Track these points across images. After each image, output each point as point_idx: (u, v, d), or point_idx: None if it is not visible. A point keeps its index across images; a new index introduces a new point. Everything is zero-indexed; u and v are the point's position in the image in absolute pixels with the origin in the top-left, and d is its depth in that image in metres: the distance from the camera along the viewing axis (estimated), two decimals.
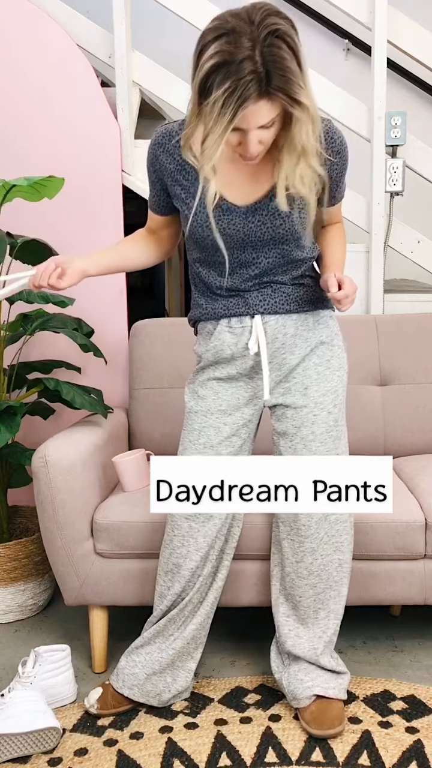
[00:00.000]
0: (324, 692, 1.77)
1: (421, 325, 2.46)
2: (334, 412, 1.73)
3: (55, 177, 2.12)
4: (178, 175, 1.62)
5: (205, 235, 1.61)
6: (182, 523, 1.75)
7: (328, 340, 1.74)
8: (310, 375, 1.71)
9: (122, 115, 2.56)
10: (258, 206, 1.59)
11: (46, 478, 1.89)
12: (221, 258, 1.64)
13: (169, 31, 3.24)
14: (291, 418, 1.72)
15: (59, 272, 1.61)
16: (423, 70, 3.30)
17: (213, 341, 1.72)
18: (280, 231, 1.60)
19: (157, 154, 1.62)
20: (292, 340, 1.70)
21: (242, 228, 1.60)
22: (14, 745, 1.68)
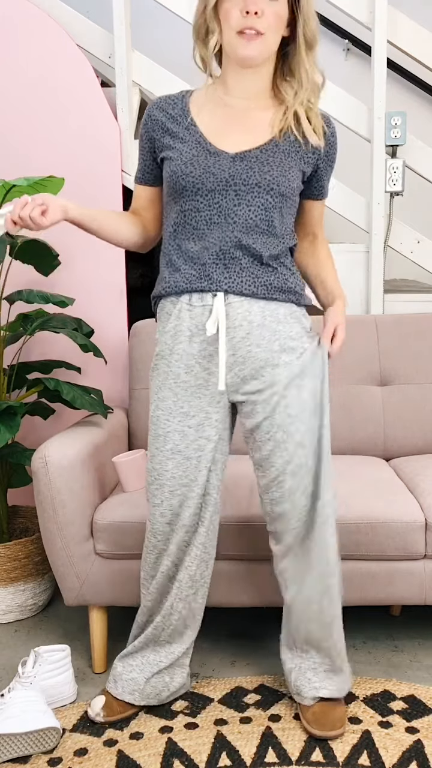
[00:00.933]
0: (330, 695, 1.77)
1: (421, 325, 2.46)
2: (302, 394, 1.63)
3: (55, 177, 2.12)
4: (169, 124, 1.63)
5: (188, 172, 1.57)
6: (163, 527, 1.71)
7: (298, 336, 1.63)
8: (281, 372, 1.61)
9: (122, 115, 2.56)
10: (247, 154, 1.58)
11: (46, 478, 1.89)
12: (200, 203, 1.57)
13: (169, 31, 3.24)
14: (262, 411, 1.62)
15: (42, 207, 1.52)
16: (423, 70, 3.30)
17: (172, 321, 1.63)
18: (267, 177, 1.56)
19: (150, 111, 1.66)
20: (259, 331, 1.60)
21: (228, 169, 1.56)
22: (14, 745, 1.68)
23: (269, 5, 1.50)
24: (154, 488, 1.70)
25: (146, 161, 1.70)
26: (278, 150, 1.59)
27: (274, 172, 1.57)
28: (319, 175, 1.67)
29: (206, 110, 1.62)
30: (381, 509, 1.92)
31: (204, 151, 1.58)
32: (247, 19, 1.50)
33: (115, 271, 2.59)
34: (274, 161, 1.58)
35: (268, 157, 1.58)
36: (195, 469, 1.67)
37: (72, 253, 2.57)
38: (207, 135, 1.60)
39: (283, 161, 1.58)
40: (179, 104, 1.64)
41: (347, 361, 2.42)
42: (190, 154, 1.58)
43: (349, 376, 2.42)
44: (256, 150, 1.58)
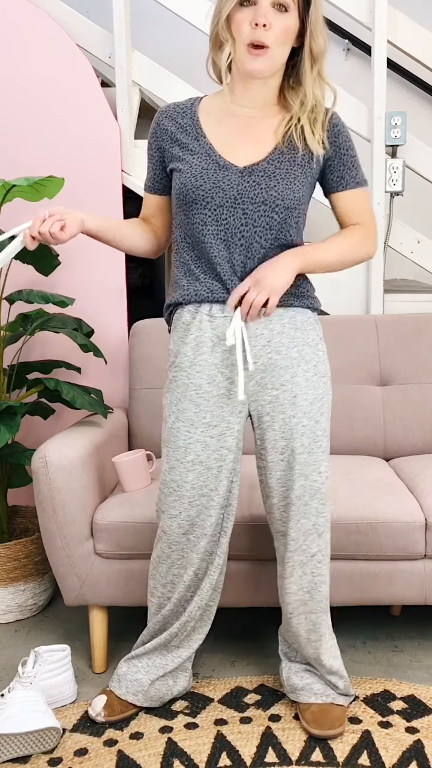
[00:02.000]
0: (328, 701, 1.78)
1: (421, 325, 2.46)
2: (321, 420, 1.67)
3: (55, 177, 2.12)
4: (178, 134, 1.64)
5: (197, 185, 1.58)
6: (180, 538, 1.71)
7: (314, 343, 1.67)
8: (299, 382, 1.64)
9: (122, 115, 2.56)
10: (255, 168, 1.58)
11: (46, 478, 1.89)
12: (208, 216, 1.59)
13: (169, 31, 3.24)
14: (279, 430, 1.65)
15: (61, 222, 1.54)
16: (423, 70, 3.30)
17: (193, 332, 1.63)
18: (273, 193, 1.57)
19: (160, 120, 1.67)
20: (279, 338, 1.63)
21: (236, 185, 1.57)
22: (14, 745, 1.68)
23: (278, 18, 1.51)
24: (172, 500, 1.69)
25: (155, 170, 1.71)
26: (283, 159, 1.59)
27: (279, 186, 1.58)
28: (332, 168, 1.65)
29: (215, 119, 1.63)
30: (381, 509, 1.92)
31: (213, 163, 1.59)
32: (256, 32, 1.51)
33: (115, 271, 2.59)
34: (280, 173, 1.58)
35: (275, 169, 1.58)
36: (215, 479, 1.67)
37: (72, 253, 2.57)
38: (216, 146, 1.60)
39: (288, 171, 1.59)
40: (188, 113, 1.65)
41: (347, 361, 2.42)
42: (200, 167, 1.59)
43: (349, 376, 2.42)
44: (264, 162, 1.59)
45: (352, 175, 1.68)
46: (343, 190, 1.68)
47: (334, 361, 2.38)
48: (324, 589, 1.74)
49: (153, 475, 2.14)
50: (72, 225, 1.56)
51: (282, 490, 1.68)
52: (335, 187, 1.68)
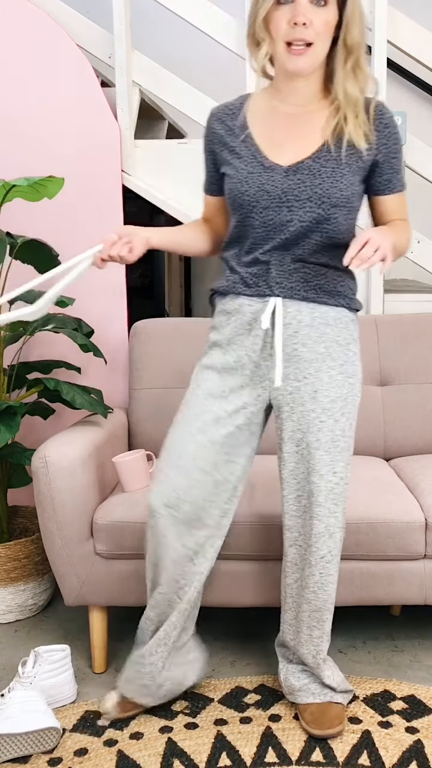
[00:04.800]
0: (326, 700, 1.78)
1: (421, 325, 2.46)
2: (341, 420, 1.65)
3: (55, 177, 2.12)
4: (227, 138, 1.64)
5: (243, 190, 1.59)
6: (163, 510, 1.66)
7: (345, 342, 1.66)
8: (322, 378, 1.64)
9: (122, 115, 2.56)
10: (300, 166, 1.57)
11: (46, 478, 1.89)
12: (255, 219, 1.60)
13: (169, 31, 3.24)
14: (297, 422, 1.66)
15: (129, 246, 1.62)
16: (423, 70, 3.30)
17: (234, 315, 1.66)
18: (318, 190, 1.55)
19: (210, 123, 1.68)
20: (307, 331, 1.62)
21: (280, 185, 1.57)
22: (14, 745, 1.68)
23: (318, 13, 1.48)
24: (163, 464, 1.68)
25: (210, 173, 1.73)
26: (330, 157, 1.57)
27: (325, 183, 1.56)
28: (381, 170, 1.62)
29: (262, 118, 1.62)
30: (381, 509, 1.92)
31: (259, 166, 1.59)
32: (295, 30, 1.48)
33: (115, 271, 2.59)
34: (326, 171, 1.56)
35: (321, 167, 1.56)
36: (215, 454, 1.66)
37: (72, 253, 2.55)
38: (262, 147, 1.60)
39: (335, 169, 1.57)
40: (237, 114, 1.65)
41: None
42: (246, 171, 1.60)
43: None
44: (309, 160, 1.57)
45: (398, 179, 1.65)
46: (390, 193, 1.66)
47: None
48: (330, 588, 1.73)
49: (153, 475, 2.14)
50: (138, 245, 1.63)
51: (294, 483, 1.68)
52: (382, 191, 1.65)
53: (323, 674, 1.78)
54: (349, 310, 1.68)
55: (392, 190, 1.65)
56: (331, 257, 1.63)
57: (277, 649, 1.86)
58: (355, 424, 1.71)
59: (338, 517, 1.69)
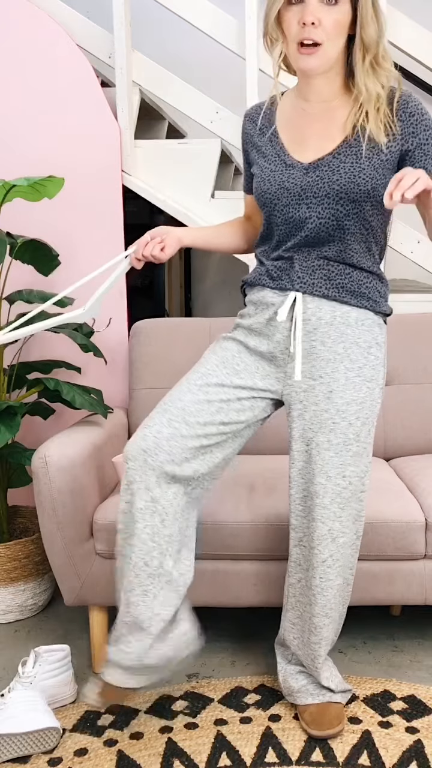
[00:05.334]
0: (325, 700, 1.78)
1: (421, 325, 2.46)
2: (355, 424, 1.62)
3: (55, 177, 2.12)
4: (256, 138, 1.68)
5: (265, 189, 1.62)
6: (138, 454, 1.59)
7: (366, 345, 1.63)
8: (338, 378, 1.62)
9: (122, 115, 2.56)
10: (320, 162, 1.58)
11: (46, 478, 1.89)
12: (278, 217, 1.62)
13: (169, 31, 3.25)
14: (309, 421, 1.64)
15: (161, 245, 1.68)
16: (423, 70, 3.30)
17: (259, 304, 1.68)
18: (336, 187, 1.55)
19: (243, 123, 1.72)
20: (326, 329, 1.62)
21: (300, 182, 1.58)
22: (14, 745, 1.68)
23: (328, 13, 1.47)
24: (154, 412, 1.63)
25: (247, 172, 1.76)
26: (350, 152, 1.56)
27: (342, 179, 1.55)
28: (413, 158, 1.56)
29: (288, 117, 1.64)
30: (381, 509, 1.92)
31: (281, 164, 1.61)
32: (305, 30, 1.48)
33: None
34: (344, 166, 1.56)
35: (341, 162, 1.56)
36: (209, 415, 1.61)
37: (72, 253, 2.57)
38: (287, 145, 1.62)
39: (354, 164, 1.55)
40: (268, 113, 1.67)
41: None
42: (269, 170, 1.62)
43: None
44: (330, 156, 1.57)
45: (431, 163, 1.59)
46: None
47: None
48: (329, 594, 1.70)
49: None
50: (171, 244, 1.69)
51: (301, 482, 1.67)
52: None
53: (321, 675, 1.77)
54: (375, 313, 1.65)
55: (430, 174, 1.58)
56: (358, 257, 1.62)
57: (276, 649, 1.86)
58: (374, 432, 1.67)
59: (344, 522, 1.66)
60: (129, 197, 2.62)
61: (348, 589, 1.75)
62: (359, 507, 1.68)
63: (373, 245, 1.64)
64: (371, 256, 1.65)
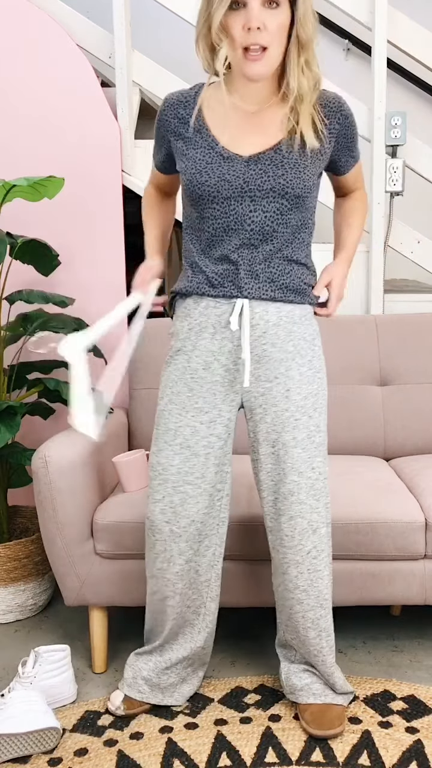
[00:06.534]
0: (327, 701, 1.78)
1: (421, 325, 2.46)
2: (314, 416, 1.67)
3: (55, 177, 2.12)
4: (180, 129, 1.62)
5: (202, 181, 1.58)
6: (162, 526, 1.71)
7: (310, 338, 1.68)
8: (293, 376, 1.65)
9: (122, 115, 2.56)
10: (261, 156, 1.57)
11: (46, 478, 1.89)
12: (217, 210, 1.59)
13: (169, 31, 3.24)
14: (271, 423, 1.66)
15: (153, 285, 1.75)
16: (423, 70, 3.30)
17: (195, 317, 1.66)
18: (281, 181, 1.56)
19: (163, 110, 1.65)
20: (274, 330, 1.63)
21: (242, 174, 1.56)
22: (14, 745, 1.68)
23: (271, 16, 1.47)
24: (156, 483, 1.70)
25: (162, 154, 1.71)
26: (291, 150, 1.57)
27: (288, 174, 1.56)
28: (340, 154, 1.66)
29: (218, 111, 1.60)
30: (381, 509, 1.92)
31: (217, 156, 1.58)
32: (250, 35, 1.47)
33: (115, 271, 2.59)
34: (288, 162, 1.56)
35: (282, 158, 1.57)
36: (203, 466, 1.68)
37: (72, 253, 2.57)
38: (220, 138, 1.59)
39: (297, 161, 1.57)
40: (191, 103, 1.62)
41: (347, 361, 2.42)
42: (204, 162, 1.58)
43: (349, 376, 2.42)
44: (270, 151, 1.57)
45: (354, 155, 1.70)
46: (348, 171, 1.71)
47: (334, 361, 2.38)
48: (321, 584, 1.72)
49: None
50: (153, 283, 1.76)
51: (271, 484, 1.69)
52: (342, 172, 1.70)
53: (328, 671, 1.77)
54: (310, 305, 1.71)
55: (349, 168, 1.71)
56: (298, 252, 1.64)
57: (278, 650, 1.86)
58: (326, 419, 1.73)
59: (321, 513, 1.69)
60: (129, 197, 2.62)
61: (331, 578, 1.77)
62: (327, 495, 1.72)
63: (308, 236, 1.67)
64: (306, 247, 1.68)
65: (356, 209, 1.78)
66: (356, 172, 1.74)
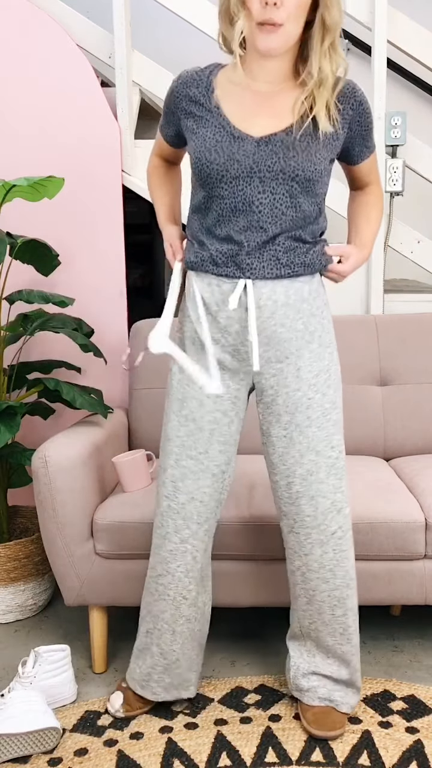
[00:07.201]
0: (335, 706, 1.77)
1: (421, 325, 2.46)
2: (328, 393, 1.65)
3: (55, 177, 2.12)
4: (192, 107, 1.61)
5: (211, 159, 1.56)
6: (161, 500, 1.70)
7: (319, 312, 1.65)
8: (303, 355, 1.62)
9: (122, 115, 2.56)
10: (272, 138, 1.55)
11: (46, 478, 1.89)
12: (225, 190, 1.56)
13: (168, 31, 3.24)
14: (283, 404, 1.63)
15: None
16: (423, 70, 3.30)
17: (200, 293, 1.64)
18: (292, 163, 1.54)
19: (175, 88, 1.63)
20: (284, 310, 1.60)
21: (252, 155, 1.55)
22: (14, 745, 1.68)
23: None
24: (163, 455, 1.71)
25: (170, 128, 1.70)
26: (304, 133, 1.55)
27: (299, 157, 1.54)
28: (354, 144, 1.64)
29: (231, 92, 1.59)
30: (381, 509, 1.92)
31: (228, 135, 1.56)
32: (266, 10, 1.45)
33: (115, 271, 2.59)
34: (300, 145, 1.55)
35: (294, 141, 1.55)
36: (206, 441, 1.66)
37: (72, 253, 2.57)
38: (231, 118, 1.57)
39: (309, 144, 1.55)
40: (204, 82, 1.60)
41: (347, 361, 2.42)
42: (214, 140, 1.56)
43: (349, 376, 2.42)
44: (282, 133, 1.55)
45: (369, 146, 1.67)
46: (363, 161, 1.69)
47: None
48: (347, 564, 1.71)
49: (153, 475, 2.14)
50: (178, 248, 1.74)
51: (284, 468, 1.67)
52: (356, 161, 1.68)
53: (351, 651, 1.75)
54: (318, 275, 1.67)
55: (364, 158, 1.69)
56: (302, 232, 1.61)
57: (289, 644, 1.83)
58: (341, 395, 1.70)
59: (344, 492, 1.68)
60: (129, 197, 2.62)
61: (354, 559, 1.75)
62: (346, 475, 1.70)
63: (321, 217, 1.65)
64: (318, 227, 1.65)
65: (374, 204, 1.75)
66: (371, 162, 1.71)
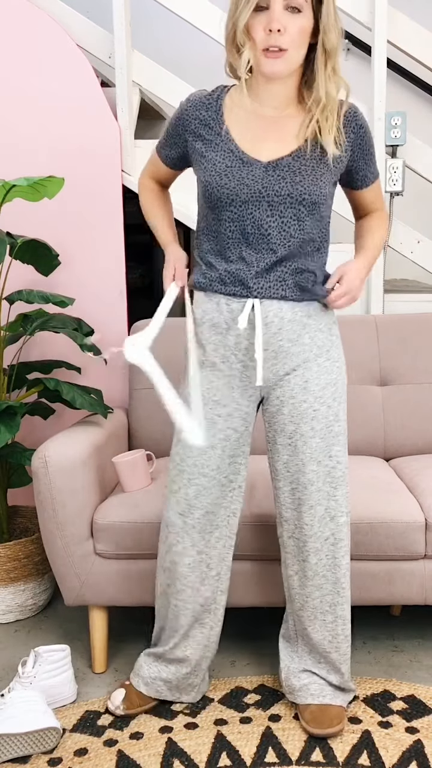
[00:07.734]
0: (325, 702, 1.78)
1: (421, 325, 2.46)
2: (333, 406, 1.69)
3: (55, 177, 2.12)
4: (201, 130, 1.64)
5: (222, 183, 1.59)
6: (176, 519, 1.73)
7: (326, 328, 1.69)
8: (311, 367, 1.66)
9: (122, 115, 2.56)
10: (280, 162, 1.59)
11: (46, 478, 1.89)
12: (234, 213, 1.60)
13: (169, 31, 3.24)
14: (289, 414, 1.68)
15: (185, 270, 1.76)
16: (423, 70, 3.30)
17: (210, 313, 1.67)
18: (299, 188, 1.57)
19: (185, 110, 1.66)
20: (290, 326, 1.64)
21: (261, 180, 1.58)
22: (14, 745, 1.68)
23: (292, 20, 1.50)
24: (174, 474, 1.73)
25: (173, 150, 1.72)
26: (308, 157, 1.59)
27: (305, 181, 1.58)
28: (357, 168, 1.67)
29: (239, 116, 1.63)
30: (381, 509, 1.92)
31: (237, 160, 1.60)
32: (270, 37, 1.50)
33: (115, 271, 2.59)
34: (306, 169, 1.58)
35: (300, 165, 1.59)
36: (219, 458, 1.69)
37: (72, 253, 2.57)
38: (239, 142, 1.61)
39: (315, 168, 1.59)
40: (213, 106, 1.64)
41: (347, 361, 2.41)
42: (224, 165, 1.60)
43: (349, 376, 2.41)
44: (288, 157, 1.59)
45: (372, 171, 1.71)
46: (366, 187, 1.72)
47: None
48: (339, 572, 1.74)
49: (153, 475, 2.14)
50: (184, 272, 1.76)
51: (288, 475, 1.70)
52: (359, 186, 1.71)
53: (339, 659, 1.77)
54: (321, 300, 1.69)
55: (368, 183, 1.72)
56: (306, 259, 1.65)
57: (280, 644, 1.86)
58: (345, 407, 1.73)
59: (338, 500, 1.70)
60: (129, 197, 2.62)
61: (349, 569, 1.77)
62: (346, 484, 1.72)
63: (323, 251, 1.69)
64: (321, 257, 1.69)
65: (379, 226, 1.77)
66: (376, 188, 1.74)
